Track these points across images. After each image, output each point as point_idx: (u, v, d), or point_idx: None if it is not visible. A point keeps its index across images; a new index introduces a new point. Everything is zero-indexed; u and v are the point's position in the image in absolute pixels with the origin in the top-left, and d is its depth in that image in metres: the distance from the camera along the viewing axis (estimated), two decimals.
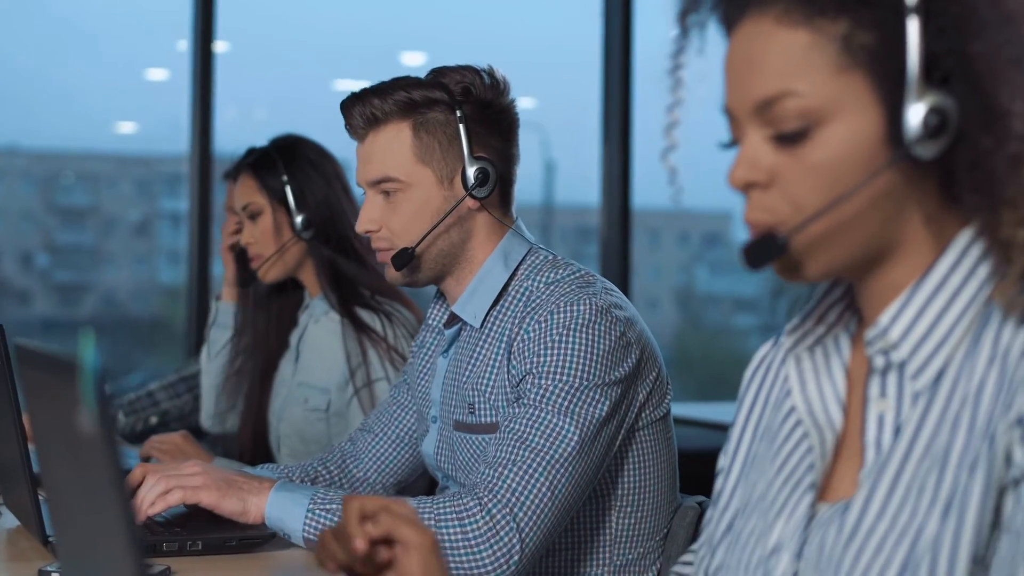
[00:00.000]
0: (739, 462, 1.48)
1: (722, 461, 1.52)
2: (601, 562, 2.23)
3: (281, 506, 2.11)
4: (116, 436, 1.08)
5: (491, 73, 2.29)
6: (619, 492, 2.23)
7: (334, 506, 2.08)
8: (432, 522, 2.01)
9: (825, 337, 1.39)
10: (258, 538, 2.13)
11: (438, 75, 2.29)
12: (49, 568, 1.93)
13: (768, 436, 1.43)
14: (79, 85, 6.62)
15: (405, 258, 2.27)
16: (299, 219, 3.10)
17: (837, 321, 1.39)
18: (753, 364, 1.51)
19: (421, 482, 2.77)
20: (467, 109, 2.25)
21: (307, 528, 2.08)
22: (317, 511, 2.08)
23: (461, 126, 2.25)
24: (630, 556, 2.24)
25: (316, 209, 3.12)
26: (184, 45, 5.66)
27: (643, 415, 2.22)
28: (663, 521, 2.27)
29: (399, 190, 2.27)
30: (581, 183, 5.98)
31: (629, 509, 2.23)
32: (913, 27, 1.23)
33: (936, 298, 1.27)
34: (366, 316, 3.05)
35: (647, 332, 2.23)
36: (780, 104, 1.26)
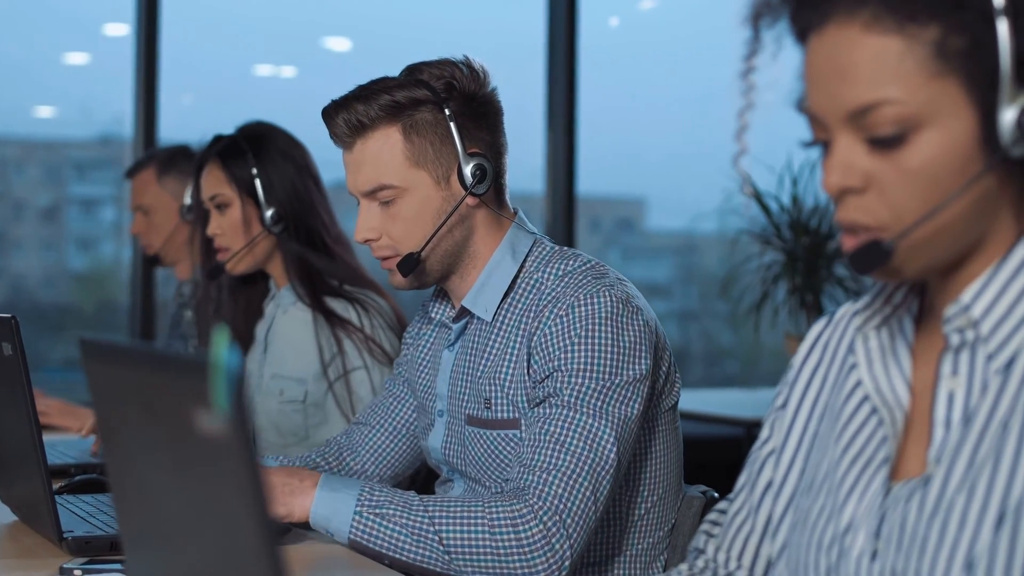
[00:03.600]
0: (794, 440, 1.50)
1: (765, 432, 1.55)
2: (614, 552, 2.24)
3: (327, 505, 2.05)
4: (253, 437, 1.06)
5: (468, 64, 2.25)
6: (633, 481, 2.23)
7: (385, 510, 2.03)
8: (486, 527, 2.01)
9: (891, 317, 1.42)
10: None
11: (415, 72, 2.24)
12: (70, 566, 1.90)
13: (831, 415, 1.45)
14: None
15: (412, 264, 2.23)
16: (269, 213, 3.05)
17: (902, 302, 1.42)
18: (808, 342, 1.53)
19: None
20: (453, 105, 2.22)
21: (354, 530, 2.03)
22: (365, 513, 2.04)
23: (452, 124, 2.21)
24: (640, 546, 2.25)
25: (286, 202, 3.07)
26: (112, 29, 5.56)
27: (658, 405, 2.23)
28: (671, 511, 2.28)
29: (396, 196, 2.23)
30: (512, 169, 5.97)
31: (639, 499, 2.24)
32: (1003, 28, 1.24)
33: (1018, 277, 1.30)
34: (338, 306, 3.02)
35: (658, 321, 2.24)
36: (876, 112, 1.27)
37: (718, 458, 4.75)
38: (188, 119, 5.72)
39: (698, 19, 7.21)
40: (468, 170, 2.21)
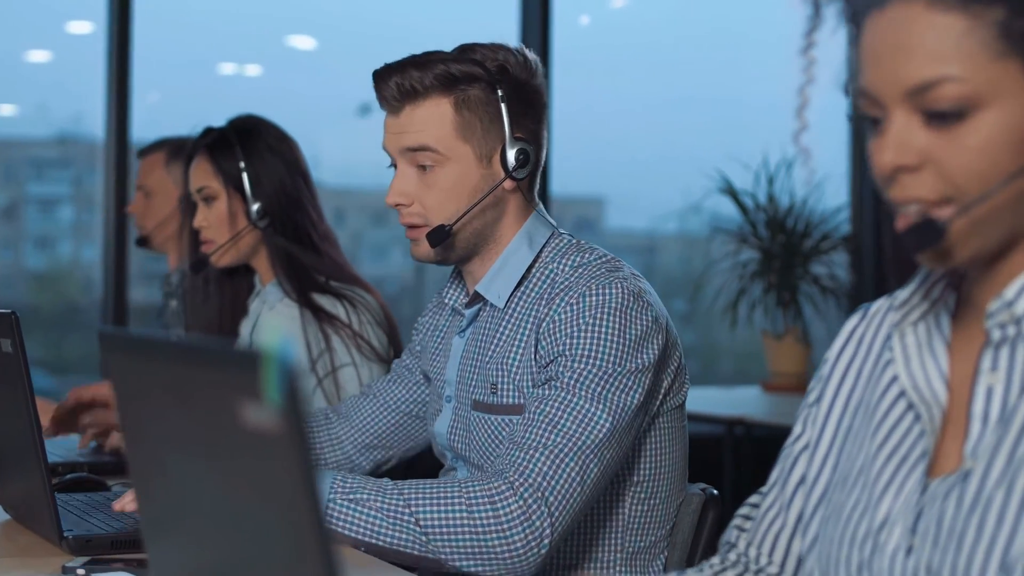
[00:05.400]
0: (828, 435, 1.49)
1: (798, 428, 1.54)
2: (613, 548, 2.22)
3: None
4: (309, 430, 1.03)
5: (522, 52, 2.26)
6: (635, 479, 2.22)
7: (359, 495, 2.02)
8: (463, 506, 1.99)
9: (928, 313, 1.41)
10: None
11: (468, 52, 2.24)
12: (72, 565, 1.87)
13: (865, 410, 1.44)
14: None
15: (442, 235, 2.22)
16: (255, 208, 3.03)
17: (940, 297, 1.41)
18: (842, 337, 1.53)
19: (400, 466, 2.73)
20: (505, 88, 2.22)
21: (328, 519, 2.00)
22: (339, 500, 2.02)
23: (503, 105, 2.21)
24: (640, 544, 2.23)
25: (272, 197, 3.05)
26: (75, 27, 5.50)
27: (665, 402, 2.22)
28: (673, 510, 2.27)
29: (437, 163, 2.22)
30: None
31: (642, 496, 2.23)
32: None
33: None
34: (326, 302, 3.00)
35: (669, 318, 2.23)
36: (936, 89, 1.26)
37: (705, 455, 4.73)
38: (154, 117, 5.67)
39: (668, 18, 7.20)
40: (512, 153, 2.22)
